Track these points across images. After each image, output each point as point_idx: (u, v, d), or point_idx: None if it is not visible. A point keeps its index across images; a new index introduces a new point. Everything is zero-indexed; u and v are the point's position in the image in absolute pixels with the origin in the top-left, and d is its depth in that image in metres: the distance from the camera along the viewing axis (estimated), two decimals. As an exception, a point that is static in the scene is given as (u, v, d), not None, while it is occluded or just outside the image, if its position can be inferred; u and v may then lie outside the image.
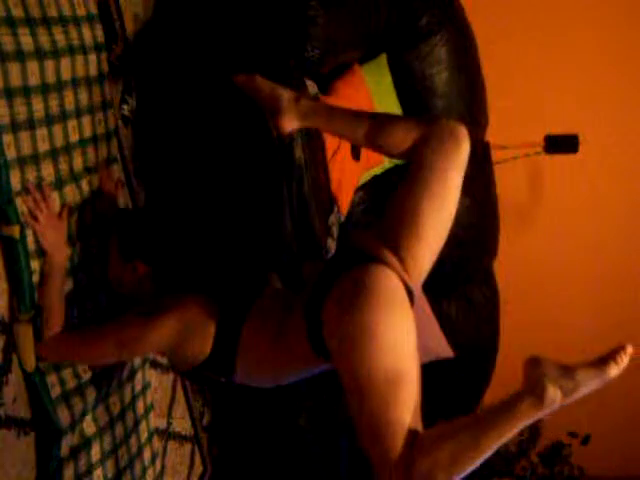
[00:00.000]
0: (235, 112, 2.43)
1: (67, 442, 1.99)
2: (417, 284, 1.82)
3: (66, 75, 2.01)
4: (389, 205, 1.82)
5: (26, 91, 1.85)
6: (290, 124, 1.94)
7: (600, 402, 3.85)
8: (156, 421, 2.50)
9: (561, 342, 3.90)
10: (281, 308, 1.92)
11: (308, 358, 1.81)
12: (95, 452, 2.13)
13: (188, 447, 2.89)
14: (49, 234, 1.90)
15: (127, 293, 2.07)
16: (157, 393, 2.57)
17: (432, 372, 3.23)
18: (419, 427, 1.62)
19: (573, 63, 3.63)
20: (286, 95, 1.94)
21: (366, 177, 3.07)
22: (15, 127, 1.82)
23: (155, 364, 2.56)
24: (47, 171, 1.93)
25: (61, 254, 1.93)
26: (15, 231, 1.82)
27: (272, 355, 1.87)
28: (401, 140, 1.82)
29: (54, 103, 1.96)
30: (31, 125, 1.87)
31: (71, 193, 2.04)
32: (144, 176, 2.58)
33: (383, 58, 3.03)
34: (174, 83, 2.59)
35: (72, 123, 2.05)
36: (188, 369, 1.96)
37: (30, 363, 1.88)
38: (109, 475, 2.19)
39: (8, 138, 1.80)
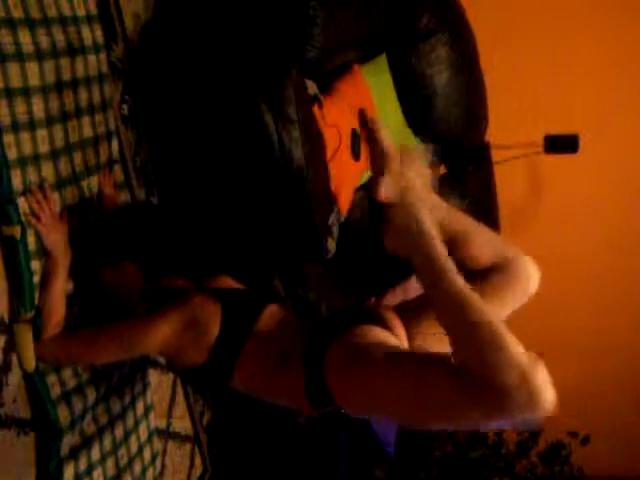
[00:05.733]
0: (235, 112, 2.43)
1: (67, 442, 1.99)
2: None
3: (66, 75, 2.01)
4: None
5: (26, 92, 1.85)
6: (388, 193, 1.82)
7: (600, 402, 3.86)
8: (156, 421, 2.50)
9: (561, 342, 3.91)
10: (287, 333, 1.91)
11: (300, 401, 1.79)
12: (95, 452, 2.13)
13: (188, 447, 2.89)
14: (52, 234, 1.90)
15: (122, 296, 2.06)
16: (157, 393, 2.57)
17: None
18: None
19: (573, 63, 3.63)
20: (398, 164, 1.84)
21: (366, 177, 3.07)
22: (16, 127, 1.82)
23: (155, 364, 2.55)
24: (48, 172, 1.94)
25: (64, 255, 1.94)
26: (16, 231, 1.82)
27: (268, 381, 1.87)
28: (480, 258, 1.84)
29: (54, 104, 1.96)
30: (31, 125, 1.88)
31: (71, 194, 2.04)
32: (145, 175, 2.59)
33: (383, 58, 3.03)
34: (174, 82, 2.59)
35: (72, 123, 2.05)
36: (185, 369, 1.96)
37: (30, 363, 1.88)
38: (109, 475, 2.19)
39: (9, 138, 1.80)
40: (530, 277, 1.81)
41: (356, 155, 2.89)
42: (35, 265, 1.88)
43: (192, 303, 1.92)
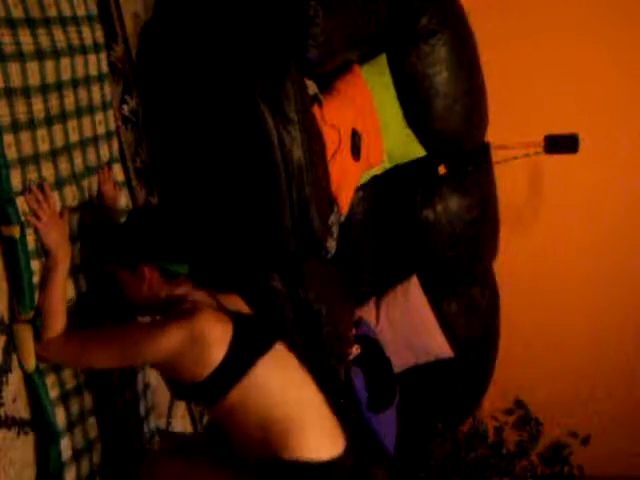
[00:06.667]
0: (235, 112, 2.43)
1: (69, 444, 1.99)
2: None
3: (66, 75, 2.01)
4: None
5: (26, 91, 1.85)
6: None
7: (600, 402, 3.86)
8: (156, 421, 2.50)
9: (561, 342, 3.91)
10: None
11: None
12: (97, 454, 2.13)
13: (188, 447, 2.89)
14: (52, 233, 1.90)
15: (137, 299, 2.02)
16: (157, 393, 2.57)
17: (432, 372, 3.25)
18: None
19: (573, 63, 3.63)
20: None
21: (366, 177, 3.08)
22: (15, 127, 1.82)
23: (155, 364, 2.55)
24: (47, 171, 1.93)
25: (64, 253, 1.93)
26: (15, 231, 1.81)
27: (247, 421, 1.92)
28: None
29: (54, 103, 1.96)
30: (31, 125, 1.87)
31: (71, 193, 2.04)
32: (145, 175, 2.59)
33: (383, 58, 3.04)
34: (174, 83, 2.59)
35: (72, 123, 2.05)
36: (179, 383, 1.94)
37: (30, 363, 1.88)
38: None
39: (9, 138, 1.80)
40: None
41: (356, 155, 2.89)
42: (35, 265, 1.87)
43: (204, 319, 1.87)
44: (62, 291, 1.92)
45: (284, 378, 1.97)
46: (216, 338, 1.87)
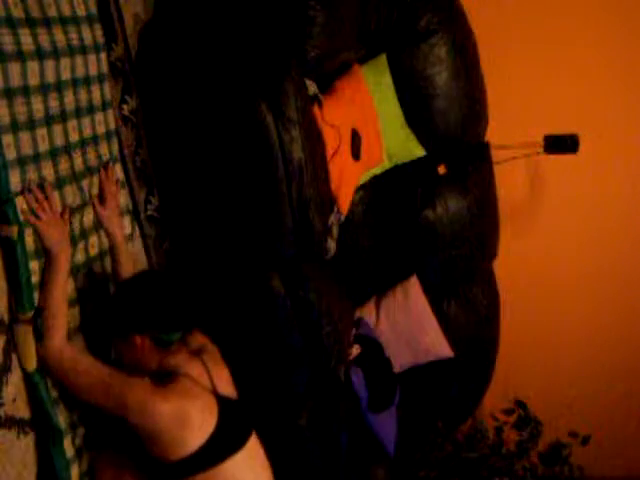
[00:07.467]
0: (235, 112, 2.43)
1: (72, 442, 2.00)
2: None
3: (66, 75, 2.01)
4: None
5: (26, 91, 1.85)
6: None
7: (600, 402, 3.85)
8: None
9: (561, 342, 3.90)
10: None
11: None
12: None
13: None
14: (52, 233, 1.90)
15: (141, 368, 2.00)
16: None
17: (432, 372, 3.25)
18: None
19: (573, 63, 3.63)
20: None
21: (366, 177, 3.07)
22: (15, 127, 1.82)
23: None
24: (47, 171, 1.94)
25: (64, 254, 1.92)
26: (13, 232, 1.81)
27: None
28: None
29: (54, 103, 1.96)
30: (31, 125, 1.87)
31: (71, 193, 2.04)
32: (145, 175, 2.59)
33: (383, 58, 3.04)
34: (174, 83, 2.59)
35: (72, 123, 2.05)
36: (144, 457, 1.94)
37: (30, 363, 1.88)
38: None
39: (8, 138, 1.80)
40: None
41: (356, 155, 2.89)
42: (34, 265, 1.87)
43: (198, 406, 1.91)
44: (63, 291, 1.92)
45: (247, 476, 2.00)
46: (200, 428, 1.90)
